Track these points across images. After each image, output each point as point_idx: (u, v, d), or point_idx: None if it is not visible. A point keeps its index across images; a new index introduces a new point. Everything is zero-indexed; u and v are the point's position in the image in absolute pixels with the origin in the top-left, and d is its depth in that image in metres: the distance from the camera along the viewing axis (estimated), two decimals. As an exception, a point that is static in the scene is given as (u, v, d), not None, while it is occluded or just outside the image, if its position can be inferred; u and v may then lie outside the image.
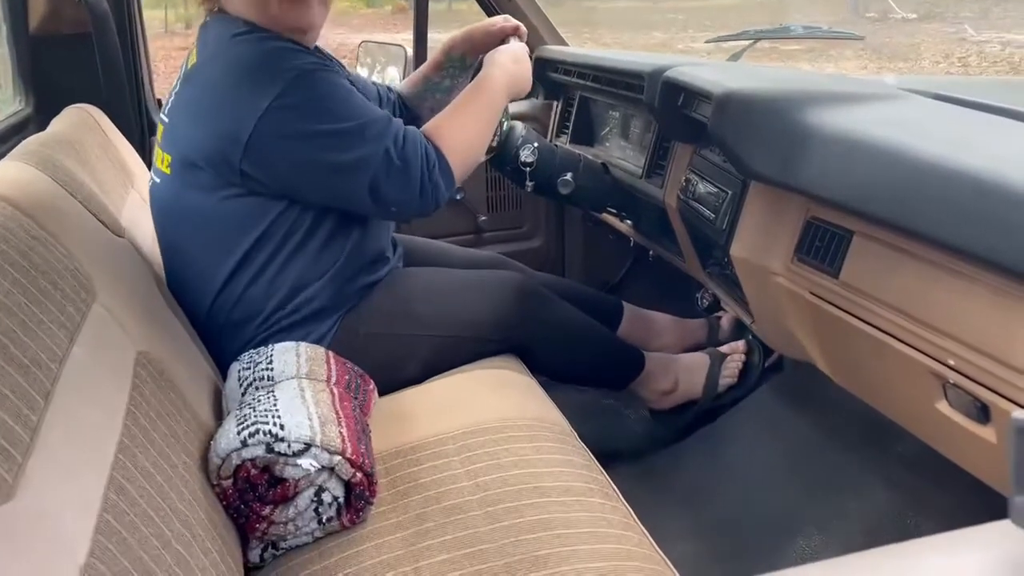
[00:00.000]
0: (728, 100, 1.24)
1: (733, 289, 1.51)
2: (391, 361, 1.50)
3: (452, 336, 1.55)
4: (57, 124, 1.60)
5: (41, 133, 1.48)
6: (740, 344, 1.88)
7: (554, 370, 1.71)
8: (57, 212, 1.12)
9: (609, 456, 1.81)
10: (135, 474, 0.86)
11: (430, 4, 2.26)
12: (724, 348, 1.89)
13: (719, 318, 2.00)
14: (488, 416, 1.36)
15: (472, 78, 1.56)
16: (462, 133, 1.42)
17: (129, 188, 1.67)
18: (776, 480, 1.54)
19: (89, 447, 0.81)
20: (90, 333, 0.98)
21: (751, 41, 1.78)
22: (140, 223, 1.51)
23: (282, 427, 1.07)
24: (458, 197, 2.25)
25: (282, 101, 1.27)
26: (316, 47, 1.55)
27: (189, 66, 1.41)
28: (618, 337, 1.85)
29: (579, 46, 2.32)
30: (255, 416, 1.10)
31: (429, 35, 2.25)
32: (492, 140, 1.70)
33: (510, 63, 1.50)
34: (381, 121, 1.33)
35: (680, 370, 1.84)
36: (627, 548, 1.06)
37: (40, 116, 1.82)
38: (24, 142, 1.35)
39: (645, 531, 1.12)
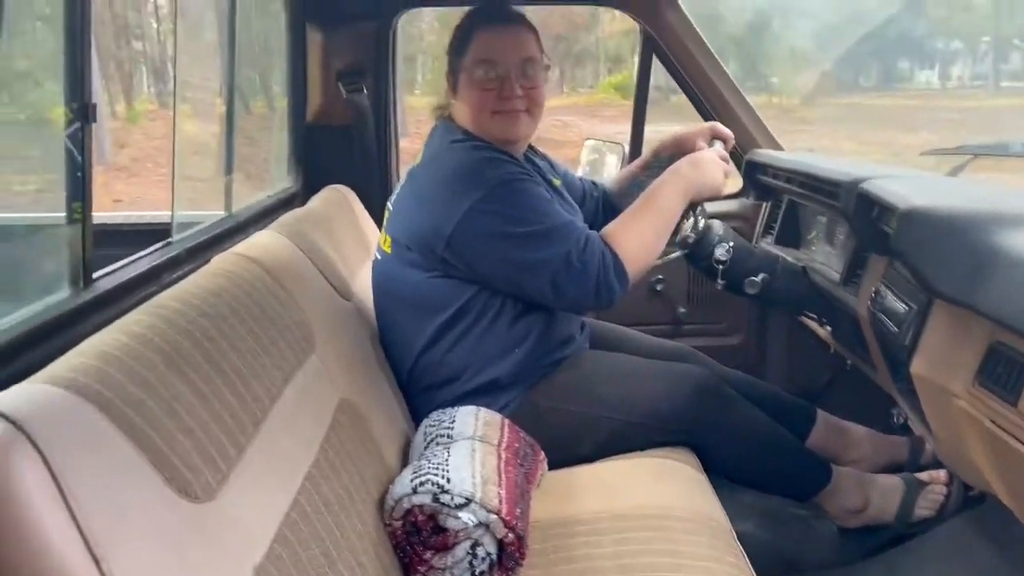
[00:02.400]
0: (911, 215, 1.23)
1: (918, 406, 1.45)
2: (567, 437, 1.60)
3: (628, 421, 1.62)
4: (315, 201, 1.90)
5: (299, 208, 1.78)
6: (942, 474, 1.76)
7: (731, 471, 1.70)
8: (296, 275, 1.36)
9: (788, 566, 1.77)
10: (316, 500, 1.03)
11: (649, 96, 2.41)
12: (923, 475, 1.78)
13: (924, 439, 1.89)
14: (648, 503, 1.41)
15: None
16: (637, 238, 1.52)
17: (366, 261, 1.93)
18: (959, 619, 1.42)
19: (283, 471, 0.99)
20: (302, 378, 1.18)
21: (970, 156, 1.72)
22: (370, 291, 1.75)
23: (448, 480, 1.21)
24: (657, 288, 2.32)
25: (482, 205, 1.46)
26: (530, 147, 1.74)
27: (415, 163, 1.64)
28: (805, 446, 1.81)
29: (836, 145, 2.32)
30: (428, 468, 1.24)
31: (648, 127, 2.39)
32: (688, 237, 1.77)
33: (688, 168, 1.59)
34: (567, 227, 1.48)
35: (873, 490, 1.75)
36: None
37: (305, 192, 2.16)
38: (283, 216, 1.64)
39: None
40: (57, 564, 0.63)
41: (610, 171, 2.38)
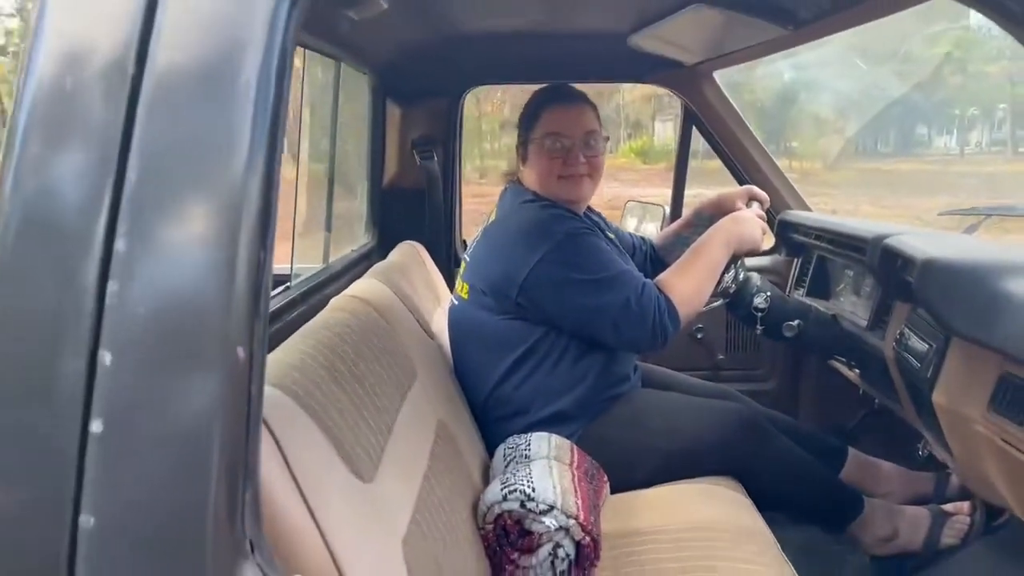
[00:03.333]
0: (930, 265, 1.45)
1: (941, 435, 1.63)
2: (623, 464, 1.78)
3: (677, 451, 1.80)
4: (394, 255, 2.14)
5: (384, 261, 2.02)
6: (965, 505, 1.92)
7: (770, 500, 1.85)
8: (396, 315, 1.58)
9: (823, 592, 1.92)
10: (432, 497, 1.23)
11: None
12: (948, 507, 1.94)
13: (949, 474, 2.05)
14: (702, 518, 1.60)
15: None
16: (687, 285, 1.72)
17: (437, 307, 2.15)
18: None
19: (409, 469, 1.20)
20: (412, 398, 1.39)
21: (983, 216, 1.93)
22: (443, 333, 1.96)
23: (533, 490, 1.40)
24: (698, 336, 2.53)
25: (552, 255, 1.67)
26: (588, 208, 1.97)
27: (489, 221, 1.87)
28: (838, 478, 1.97)
29: (856, 208, 2.54)
30: (514, 480, 1.44)
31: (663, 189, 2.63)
32: (729, 287, 1.98)
33: (730, 224, 1.80)
34: (626, 275, 1.69)
35: (902, 520, 1.91)
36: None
37: (380, 249, 2.40)
38: (376, 266, 1.88)
39: None
40: (299, 545, 0.83)
41: (648, 230, 2.61)
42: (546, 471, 1.48)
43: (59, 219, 0.66)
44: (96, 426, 0.64)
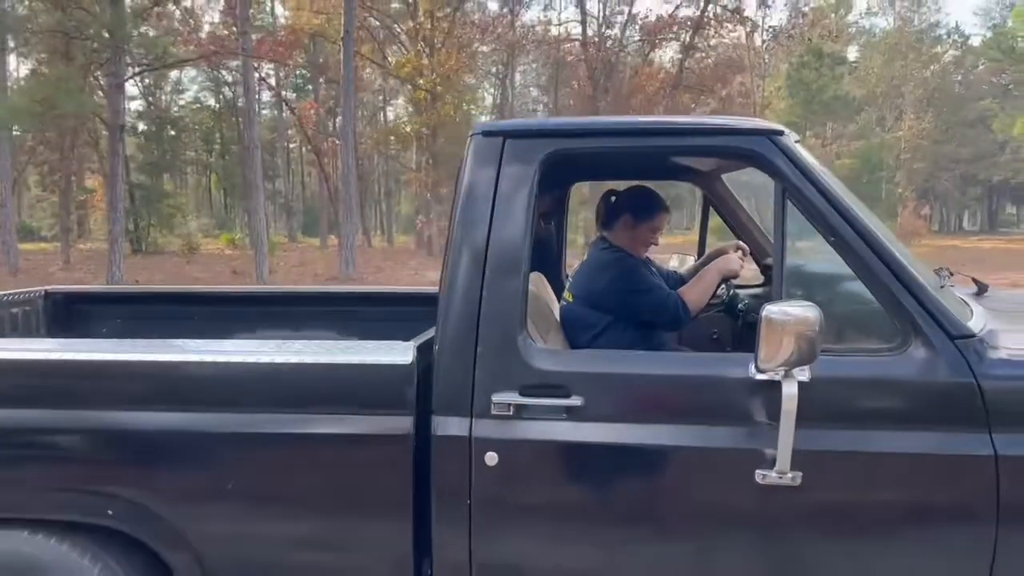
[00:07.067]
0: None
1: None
2: None
3: None
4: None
5: (529, 281, 3.61)
6: None
7: None
8: (534, 302, 3.16)
9: None
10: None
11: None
12: None
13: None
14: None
15: None
16: (693, 295, 3.20)
17: (553, 306, 3.70)
18: None
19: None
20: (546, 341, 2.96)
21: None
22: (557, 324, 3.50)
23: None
24: (714, 337, 3.99)
25: (619, 277, 3.21)
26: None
27: (584, 259, 3.43)
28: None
29: None
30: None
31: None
32: (723, 298, 3.47)
33: (721, 262, 3.32)
34: (661, 289, 3.21)
35: None
36: None
37: (518, 277, 3.99)
38: None
39: None
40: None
41: (686, 267, 4.10)
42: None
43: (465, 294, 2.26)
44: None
